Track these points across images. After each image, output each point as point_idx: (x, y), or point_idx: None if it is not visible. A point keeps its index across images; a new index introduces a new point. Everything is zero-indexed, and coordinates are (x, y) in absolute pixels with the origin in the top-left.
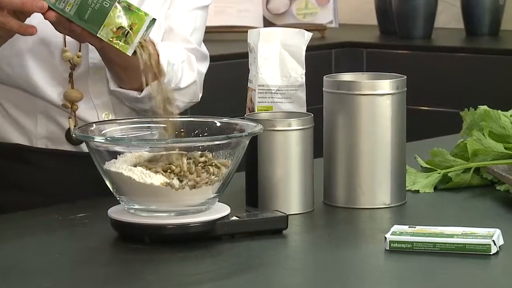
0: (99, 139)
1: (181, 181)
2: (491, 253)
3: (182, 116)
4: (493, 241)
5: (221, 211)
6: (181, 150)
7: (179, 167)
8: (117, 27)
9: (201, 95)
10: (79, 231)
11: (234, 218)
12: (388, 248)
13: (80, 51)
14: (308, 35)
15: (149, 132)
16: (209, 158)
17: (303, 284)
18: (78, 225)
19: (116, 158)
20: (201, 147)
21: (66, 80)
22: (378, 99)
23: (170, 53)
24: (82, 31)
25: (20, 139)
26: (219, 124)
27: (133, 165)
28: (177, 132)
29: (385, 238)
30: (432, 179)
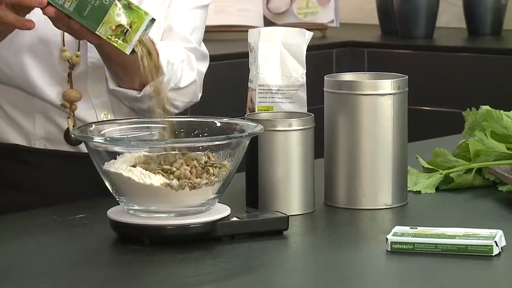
0: (98, 139)
1: (181, 181)
2: (493, 254)
3: (182, 116)
4: (495, 242)
5: (221, 212)
6: (181, 150)
7: (179, 168)
8: (116, 25)
9: (200, 95)
10: (78, 232)
11: (235, 219)
12: (389, 249)
13: (79, 50)
14: (309, 34)
15: (148, 132)
16: (209, 158)
17: (304, 285)
18: (77, 226)
19: (115, 159)
20: (201, 147)
21: (65, 79)
22: (379, 99)
23: (169, 53)
24: (80, 28)
25: (18, 139)
26: (219, 124)
27: (132, 165)
28: (176, 132)
29: (387, 239)
30: (433, 179)
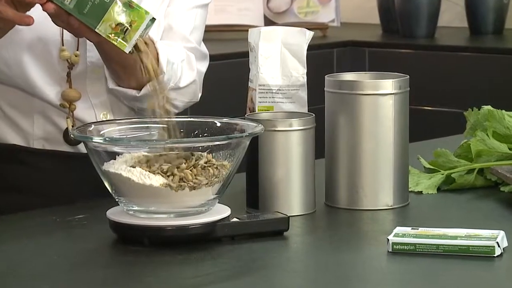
0: (97, 139)
1: (181, 182)
2: (495, 255)
3: (182, 116)
4: (497, 243)
5: (222, 212)
6: (181, 150)
7: (178, 168)
8: (116, 23)
9: (200, 94)
10: (77, 233)
11: (235, 219)
12: (390, 250)
13: (78, 50)
14: (310, 34)
15: (148, 133)
16: (209, 158)
17: (305, 287)
18: (76, 226)
19: (115, 159)
20: (201, 147)
21: (64, 79)
22: (380, 99)
23: (169, 52)
24: (80, 25)
25: (17, 139)
26: (219, 124)
27: (132, 166)
28: (182, 130)
29: (388, 240)
30: (435, 180)
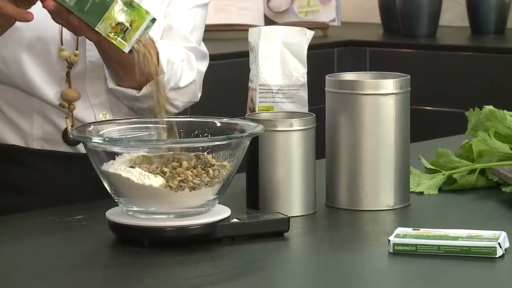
0: (97, 139)
1: (181, 182)
2: (497, 256)
3: (182, 116)
4: (499, 243)
5: (222, 213)
6: (180, 150)
7: (178, 168)
8: (116, 23)
9: (200, 94)
10: (77, 234)
11: (235, 220)
12: (391, 250)
13: (77, 49)
14: (310, 33)
15: (147, 133)
16: (209, 159)
17: (305, 287)
18: (76, 227)
19: (114, 159)
20: (201, 147)
21: (63, 79)
22: (381, 99)
23: (169, 52)
24: (79, 23)
25: (16, 140)
26: (219, 124)
27: (131, 166)
28: (182, 130)
29: (389, 240)
30: (436, 180)
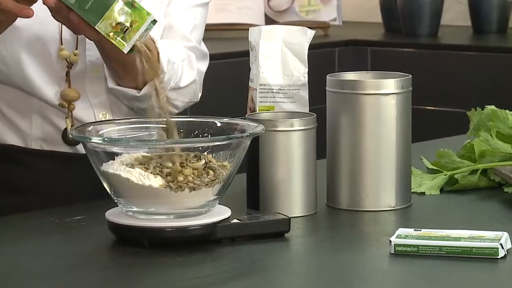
0: (96, 139)
1: (181, 183)
2: (499, 256)
3: (182, 116)
4: (501, 244)
5: (222, 213)
6: (180, 151)
7: (178, 169)
8: (116, 22)
9: (200, 94)
10: (76, 234)
11: (235, 220)
12: (393, 251)
13: (77, 49)
14: (311, 33)
15: (147, 133)
16: (209, 159)
17: None
18: (75, 228)
19: (113, 159)
20: (201, 148)
21: (63, 79)
22: (382, 98)
23: (170, 51)
24: (79, 21)
25: (15, 140)
26: (219, 124)
27: (131, 166)
28: (182, 130)
29: (390, 241)
30: (438, 181)
